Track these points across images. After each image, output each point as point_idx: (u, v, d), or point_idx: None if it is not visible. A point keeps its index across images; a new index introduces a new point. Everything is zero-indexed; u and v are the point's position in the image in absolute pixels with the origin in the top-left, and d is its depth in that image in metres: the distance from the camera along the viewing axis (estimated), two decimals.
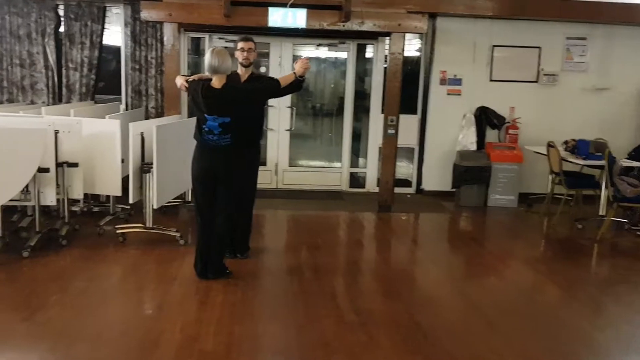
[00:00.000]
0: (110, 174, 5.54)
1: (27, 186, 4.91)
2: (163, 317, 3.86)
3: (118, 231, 5.41)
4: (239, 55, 4.82)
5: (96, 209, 6.34)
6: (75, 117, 5.73)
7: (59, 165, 5.10)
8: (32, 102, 7.49)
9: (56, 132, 5.08)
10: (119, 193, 5.61)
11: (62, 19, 7.50)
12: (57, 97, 7.58)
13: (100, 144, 5.53)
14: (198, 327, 3.71)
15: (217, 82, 4.27)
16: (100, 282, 4.49)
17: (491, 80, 8.02)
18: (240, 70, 4.85)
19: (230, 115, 4.23)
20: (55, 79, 7.55)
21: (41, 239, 5.05)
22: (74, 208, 6.06)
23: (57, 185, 5.12)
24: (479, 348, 3.64)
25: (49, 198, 5.07)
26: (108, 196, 6.21)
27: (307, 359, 3.42)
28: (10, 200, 4.89)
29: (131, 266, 4.84)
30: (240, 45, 4.83)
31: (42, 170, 4.90)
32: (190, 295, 4.24)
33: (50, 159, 4.98)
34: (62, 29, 7.52)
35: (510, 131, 7.99)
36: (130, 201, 5.31)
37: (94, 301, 4.10)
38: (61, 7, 7.48)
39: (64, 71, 7.54)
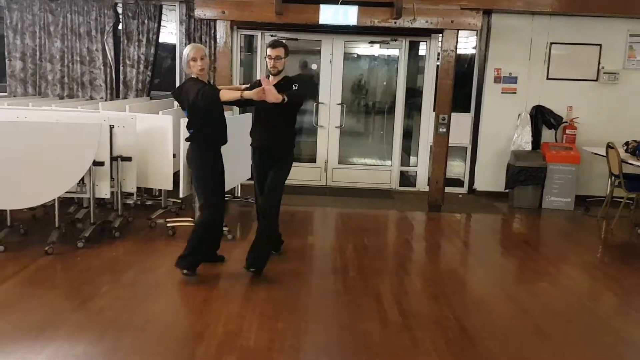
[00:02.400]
0: (163, 169, 5.67)
1: (82, 179, 5.07)
2: (207, 311, 3.91)
3: (168, 224, 5.52)
4: (268, 63, 4.57)
5: (149, 202, 6.50)
6: (130, 112, 5.89)
7: (113, 159, 5.25)
8: (91, 98, 7.75)
9: (111, 127, 5.23)
10: (170, 187, 5.73)
11: (120, 17, 7.72)
12: (115, 93, 7.82)
13: (153, 139, 5.66)
14: (241, 322, 3.74)
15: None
16: (149, 274, 4.60)
17: (548, 79, 7.75)
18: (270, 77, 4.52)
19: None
20: (113, 75, 7.78)
21: (95, 230, 5.22)
22: (128, 201, 6.23)
23: (112, 178, 5.27)
24: (527, 355, 3.52)
25: (104, 191, 5.22)
26: (160, 190, 6.36)
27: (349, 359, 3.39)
28: (67, 192, 5.06)
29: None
30: (268, 52, 4.54)
31: (97, 163, 5.05)
32: (235, 291, 4.28)
33: (105, 153, 5.13)
34: (120, 26, 7.74)
35: (568, 131, 7.70)
36: (181, 195, 5.40)
37: (142, 293, 4.20)
38: (120, 5, 7.71)
39: (121, 68, 7.76)
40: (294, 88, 4.43)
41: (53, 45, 7.72)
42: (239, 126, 5.62)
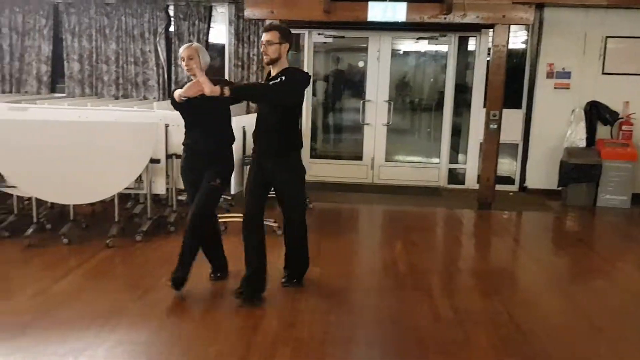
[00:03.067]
0: None
1: (140, 176, 5.25)
2: (265, 306, 4.01)
3: (220, 220, 5.64)
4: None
5: None
6: None
7: (168, 156, 5.40)
8: (145, 98, 7.99)
9: (166, 126, 5.39)
10: None
11: (171, 19, 7.93)
12: (167, 92, 8.03)
13: None
14: (294, 315, 3.81)
15: None
16: (203, 268, 4.71)
17: (603, 74, 7.54)
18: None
19: None
20: (165, 75, 8.00)
21: (152, 224, 5.39)
22: (181, 197, 6.39)
23: (167, 175, 5.43)
24: (582, 352, 3.46)
25: (160, 187, 5.39)
26: None
27: (401, 353, 3.41)
28: (126, 188, 5.26)
29: (231, 253, 5.02)
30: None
31: (154, 161, 5.22)
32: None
33: (161, 150, 5.29)
34: (171, 28, 7.95)
35: (624, 127, 7.48)
36: (232, 192, 5.51)
37: (198, 285, 4.30)
38: (171, 7, 7.92)
39: (173, 68, 7.98)
40: (278, 80, 3.74)
41: (108, 47, 7.99)
42: None
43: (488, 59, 7.42)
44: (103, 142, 5.05)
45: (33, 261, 4.68)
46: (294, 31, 7.91)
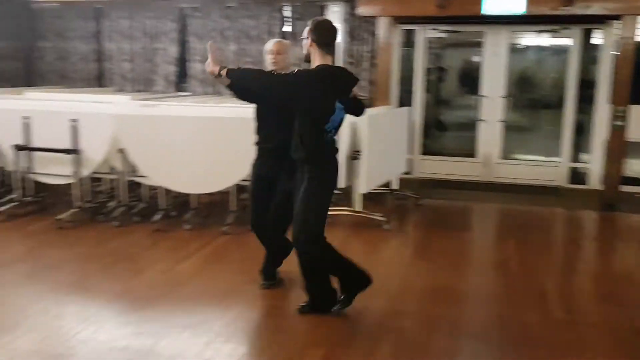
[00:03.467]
0: None
1: None
2: (367, 292, 4.08)
3: (329, 213, 5.79)
4: None
5: None
6: None
7: None
8: None
9: None
10: None
11: (284, 19, 8.22)
12: None
13: None
14: (399, 304, 3.87)
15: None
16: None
17: None
18: None
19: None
20: None
21: None
22: None
23: None
24: None
25: None
26: None
27: (508, 349, 3.33)
28: (242, 180, 5.55)
29: (339, 245, 5.15)
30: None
31: None
32: (393, 275, 4.40)
33: None
34: (286, 28, 8.24)
35: None
36: (341, 186, 5.63)
37: None
38: (286, 8, 8.20)
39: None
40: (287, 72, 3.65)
41: (228, 48, 8.43)
42: (394, 117, 5.73)
43: (614, 52, 6.96)
44: (222, 137, 5.37)
45: (159, 244, 5.11)
46: (405, 27, 7.99)
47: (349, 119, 5.51)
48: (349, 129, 5.60)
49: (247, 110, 5.94)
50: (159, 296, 3.93)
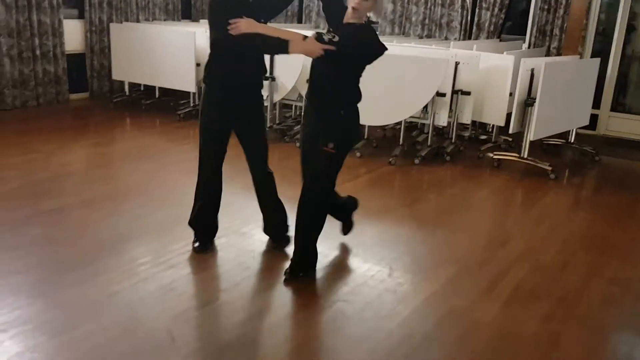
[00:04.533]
0: (498, 105, 6.03)
1: (425, 107, 5.83)
2: (514, 229, 4.30)
3: (495, 157, 5.92)
4: None
5: (483, 137, 6.95)
6: (476, 51, 6.36)
7: (454, 92, 5.85)
8: (446, 39, 8.46)
9: (457, 63, 5.81)
10: (502, 123, 6.09)
11: None
12: (468, 34, 8.36)
13: (493, 77, 6.03)
14: (543, 243, 4.02)
15: None
16: (468, 193, 5.17)
17: None
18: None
19: None
20: (468, 17, 8.31)
21: (430, 152, 5.97)
22: (463, 133, 6.81)
23: (450, 109, 5.90)
24: None
25: (442, 119, 5.89)
26: (493, 125, 6.75)
27: None
28: (412, 117, 5.91)
29: (498, 188, 5.33)
30: None
31: (440, 94, 5.72)
32: (545, 221, 4.51)
33: (448, 85, 5.75)
34: None
35: None
36: (510, 132, 5.70)
37: (461, 204, 4.87)
38: None
39: (477, 10, 8.23)
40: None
41: None
42: (580, 68, 5.53)
43: None
44: (399, 74, 5.73)
45: None
46: None
47: (526, 64, 5.54)
48: (527, 76, 5.58)
49: (425, 51, 6.23)
50: None
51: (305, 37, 3.01)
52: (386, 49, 3.18)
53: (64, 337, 2.63)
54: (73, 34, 7.86)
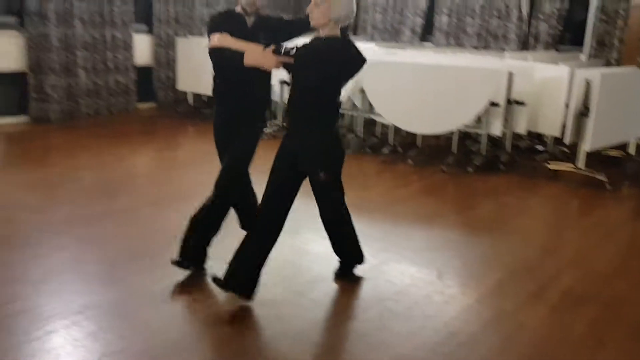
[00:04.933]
0: (553, 115, 6.02)
1: (480, 116, 5.89)
2: (566, 237, 4.32)
3: (550, 167, 5.91)
4: None
5: (539, 147, 6.92)
6: (530, 62, 6.37)
7: (509, 102, 5.88)
8: (502, 50, 8.46)
9: (510, 74, 5.85)
10: (557, 134, 6.06)
11: None
12: (524, 45, 8.34)
13: (549, 87, 6.04)
14: (595, 252, 4.03)
15: None
16: (521, 201, 5.19)
17: None
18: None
19: None
20: (525, 29, 8.29)
21: (484, 161, 6.01)
22: (518, 143, 6.80)
23: (505, 119, 5.93)
24: None
25: (496, 129, 5.94)
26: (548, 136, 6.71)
27: None
28: (466, 126, 5.98)
29: (552, 197, 5.33)
30: None
31: (493, 104, 5.77)
32: (598, 230, 4.49)
33: (502, 95, 5.79)
34: None
35: None
36: (566, 142, 5.68)
37: (514, 213, 4.87)
38: None
39: (533, 22, 8.21)
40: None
41: (477, 1, 8.65)
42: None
43: None
44: (450, 84, 5.82)
45: (384, 173, 5.88)
46: None
47: (581, 75, 5.51)
48: (582, 86, 5.56)
49: (479, 60, 6.29)
50: (380, 209, 4.73)
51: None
52: (363, 63, 3.00)
53: (132, 319, 2.89)
54: (142, 48, 8.36)
